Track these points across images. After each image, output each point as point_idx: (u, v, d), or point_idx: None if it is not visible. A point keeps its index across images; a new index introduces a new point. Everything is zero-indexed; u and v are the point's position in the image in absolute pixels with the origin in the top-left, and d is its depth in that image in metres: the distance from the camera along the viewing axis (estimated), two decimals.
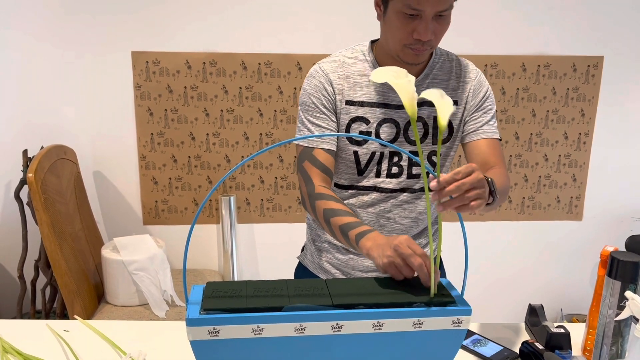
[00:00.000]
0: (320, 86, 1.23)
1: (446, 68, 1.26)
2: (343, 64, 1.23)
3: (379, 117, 1.22)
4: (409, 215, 1.30)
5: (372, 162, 1.25)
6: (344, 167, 1.27)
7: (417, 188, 1.29)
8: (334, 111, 1.23)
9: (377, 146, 1.23)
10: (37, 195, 1.81)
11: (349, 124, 1.23)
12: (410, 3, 1.09)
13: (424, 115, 1.24)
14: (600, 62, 2.42)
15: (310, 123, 1.23)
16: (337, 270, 1.36)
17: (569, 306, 2.68)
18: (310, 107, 1.23)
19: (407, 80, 0.79)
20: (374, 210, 1.29)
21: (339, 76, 1.23)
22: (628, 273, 1.06)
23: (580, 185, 2.57)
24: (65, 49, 2.25)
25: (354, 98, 1.22)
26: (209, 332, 0.82)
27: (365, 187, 1.27)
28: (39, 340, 1.20)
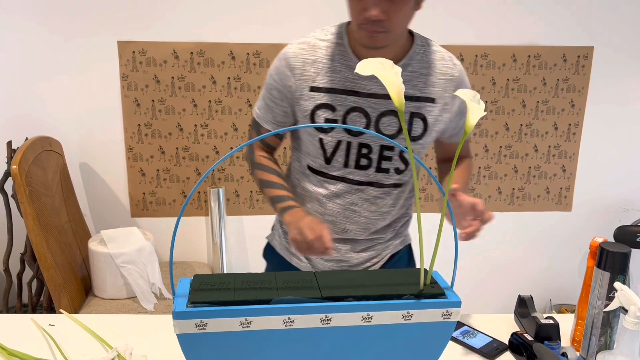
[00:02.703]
0: (279, 70, 1.21)
1: (427, 60, 1.20)
2: (314, 47, 1.19)
3: (347, 105, 1.17)
4: (376, 210, 1.27)
5: (339, 152, 1.21)
6: (314, 151, 1.24)
7: (386, 184, 1.25)
8: (286, 98, 1.22)
9: (343, 134, 1.19)
10: (22, 188, 1.78)
11: (313, 110, 1.18)
12: None
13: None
14: (590, 53, 2.42)
15: (264, 100, 1.27)
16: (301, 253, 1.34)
17: (558, 296, 2.70)
18: (268, 87, 1.25)
19: (394, 71, 0.77)
20: (341, 201, 1.26)
21: (305, 60, 1.18)
22: (617, 264, 1.06)
23: (569, 176, 2.58)
24: (51, 38, 2.21)
25: (320, 84, 1.17)
26: (196, 325, 0.80)
27: (333, 176, 1.24)
28: (25, 335, 1.18)
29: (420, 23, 2.33)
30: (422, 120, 1.20)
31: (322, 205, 1.27)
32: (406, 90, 1.17)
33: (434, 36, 2.60)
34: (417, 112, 1.19)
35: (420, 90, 1.19)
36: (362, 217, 1.28)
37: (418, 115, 1.19)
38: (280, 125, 1.26)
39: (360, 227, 1.29)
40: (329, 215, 1.27)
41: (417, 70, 1.19)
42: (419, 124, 1.20)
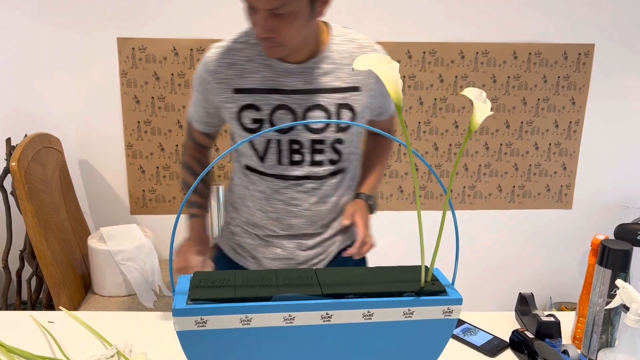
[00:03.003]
0: (199, 74, 1.23)
1: (345, 50, 1.20)
2: (230, 50, 1.19)
3: (272, 103, 1.18)
4: (317, 201, 1.27)
5: (270, 150, 1.22)
6: (248, 152, 1.25)
7: (322, 174, 1.25)
8: (208, 100, 1.24)
9: (272, 134, 1.20)
10: (21, 185, 1.77)
11: (239, 112, 1.19)
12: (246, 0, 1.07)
13: (324, 102, 1.19)
14: (591, 50, 2.42)
15: (193, 101, 1.30)
16: (248, 253, 1.35)
17: (558, 294, 2.70)
18: (194, 89, 1.27)
19: (391, 67, 0.76)
20: (281, 197, 1.26)
21: (222, 64, 1.18)
22: (619, 261, 1.06)
23: (570, 173, 2.58)
24: (50, 35, 2.20)
25: (243, 85, 1.18)
26: (196, 322, 0.80)
27: (270, 174, 1.25)
28: (24, 332, 1.18)
29: (421, 21, 2.34)
30: (350, 110, 1.21)
31: (263, 202, 1.28)
32: (329, 82, 1.18)
33: (433, 34, 2.59)
34: (344, 102, 1.20)
35: (344, 81, 1.19)
36: (305, 210, 1.27)
37: (344, 105, 1.20)
38: (207, 125, 1.31)
39: (305, 221, 1.29)
40: (272, 212, 1.28)
41: (338, 61, 1.19)
42: (346, 114, 1.21)
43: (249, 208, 1.31)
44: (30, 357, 1.07)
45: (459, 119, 2.46)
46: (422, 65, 2.37)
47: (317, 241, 1.32)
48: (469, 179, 2.54)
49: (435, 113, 2.44)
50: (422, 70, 2.38)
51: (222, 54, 1.19)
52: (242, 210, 1.34)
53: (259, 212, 1.29)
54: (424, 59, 2.36)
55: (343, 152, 1.25)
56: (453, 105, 2.43)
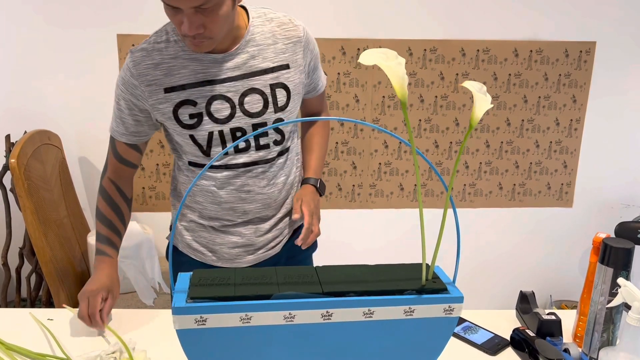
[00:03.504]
0: (124, 80, 1.18)
1: (267, 31, 1.20)
2: (152, 51, 1.16)
3: (206, 95, 1.17)
4: (268, 183, 1.27)
5: (214, 142, 1.20)
6: (189, 148, 1.23)
7: (271, 157, 1.26)
8: (136, 106, 1.19)
9: (211, 125, 1.19)
10: (20, 182, 1.77)
11: (174, 110, 1.17)
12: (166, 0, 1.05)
13: (258, 85, 1.19)
14: (593, 48, 2.41)
15: (114, 114, 1.24)
16: (205, 247, 1.34)
17: (558, 292, 2.70)
18: (117, 99, 1.22)
19: (397, 62, 0.75)
20: (232, 187, 1.25)
21: (148, 66, 1.16)
22: (620, 260, 1.05)
23: (571, 172, 2.57)
24: (50, 31, 2.20)
25: (173, 83, 1.16)
26: (195, 320, 0.80)
27: (217, 166, 1.23)
28: (23, 330, 1.17)
29: (422, 18, 2.33)
30: (284, 88, 1.22)
31: (215, 195, 1.27)
32: (258, 64, 1.19)
33: (434, 31, 2.58)
34: (277, 82, 1.21)
35: (272, 61, 1.20)
36: (258, 195, 1.27)
37: (278, 85, 1.21)
38: (134, 135, 1.24)
39: (259, 205, 1.29)
40: (225, 203, 1.27)
41: (261, 43, 1.19)
42: (282, 93, 1.22)
43: (199, 204, 1.30)
44: (30, 355, 1.07)
45: (460, 117, 2.45)
46: (423, 63, 2.37)
47: (272, 223, 1.34)
48: (469, 176, 2.54)
49: (436, 111, 2.43)
50: (423, 67, 2.37)
51: (145, 57, 1.16)
52: (192, 207, 1.32)
53: (212, 205, 1.28)
54: (424, 57, 2.36)
55: (285, 131, 1.26)
56: (454, 102, 2.43)
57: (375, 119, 2.41)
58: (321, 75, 1.35)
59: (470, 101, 2.43)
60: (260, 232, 1.32)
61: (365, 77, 2.36)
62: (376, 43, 2.31)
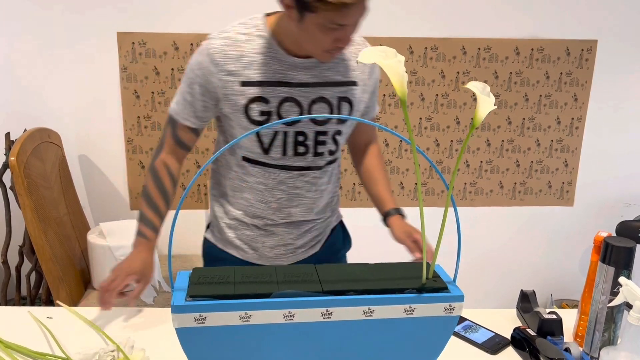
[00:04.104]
0: (202, 65, 1.18)
1: None
2: (236, 41, 1.17)
3: (279, 96, 1.18)
4: (317, 189, 1.31)
5: (276, 142, 1.22)
6: (249, 144, 1.24)
7: (322, 164, 1.29)
8: (209, 92, 1.20)
9: (279, 126, 1.21)
10: (20, 179, 1.76)
11: (246, 104, 1.18)
12: (336, 19, 1.06)
13: (327, 95, 1.22)
14: (594, 47, 2.40)
15: (182, 95, 1.24)
16: (247, 245, 1.36)
17: (559, 291, 2.70)
18: (189, 82, 1.22)
19: (397, 60, 0.75)
20: (284, 187, 1.28)
21: (229, 56, 1.16)
22: (622, 259, 1.05)
23: (572, 170, 2.57)
24: (50, 29, 2.19)
25: (251, 78, 1.17)
26: (195, 319, 0.79)
27: (273, 165, 1.26)
28: (23, 328, 1.17)
29: (423, 17, 2.32)
30: (348, 103, 1.25)
31: (264, 194, 1.29)
32: (331, 76, 1.22)
33: (435, 29, 2.58)
34: (344, 96, 1.24)
35: (343, 75, 1.24)
36: (305, 199, 1.31)
37: (344, 99, 1.24)
38: (200, 120, 1.25)
39: (304, 209, 1.32)
40: (273, 202, 1.30)
41: (337, 57, 1.23)
42: (346, 107, 1.25)
43: (246, 200, 1.31)
44: (28, 353, 1.07)
45: (461, 115, 2.44)
46: (424, 61, 2.36)
47: (313, 225, 1.37)
48: (470, 175, 2.53)
49: (436, 109, 2.43)
50: (423, 66, 2.36)
51: (228, 46, 1.17)
52: (237, 203, 1.33)
53: (260, 203, 1.30)
54: (425, 55, 2.35)
55: (340, 142, 1.30)
56: (455, 101, 2.42)
57: (375, 117, 2.40)
58: (376, 102, 1.38)
59: (472, 100, 2.42)
60: (301, 232, 1.36)
61: None
62: (377, 41, 2.30)
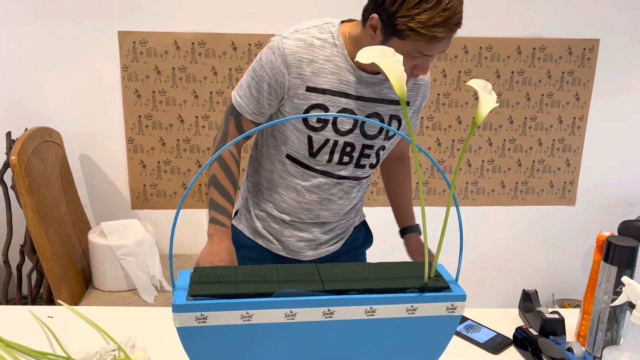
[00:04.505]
0: (273, 65, 1.18)
1: None
2: (310, 45, 1.17)
3: (339, 106, 1.20)
4: (348, 197, 1.34)
5: (325, 149, 1.25)
6: (298, 144, 1.25)
7: (360, 176, 1.32)
8: (276, 92, 1.20)
9: (332, 134, 1.22)
10: (21, 179, 1.76)
11: (307, 109, 1.20)
12: (422, 50, 1.07)
13: (381, 111, 1.24)
14: (596, 46, 2.40)
15: (250, 90, 1.22)
16: (272, 236, 1.39)
17: (561, 291, 2.69)
18: (258, 79, 1.20)
19: (395, 59, 0.75)
20: (320, 192, 1.30)
21: (302, 59, 1.17)
22: (625, 258, 1.05)
23: (574, 170, 2.56)
24: (50, 28, 2.19)
25: (317, 85, 1.18)
26: (196, 318, 0.79)
27: (315, 169, 1.27)
28: (24, 327, 1.17)
29: None
30: (398, 121, 1.28)
31: (299, 194, 1.31)
32: (389, 94, 1.24)
33: None
34: (395, 114, 1.27)
35: None
36: (336, 205, 1.34)
37: (395, 117, 1.27)
38: (263, 116, 1.26)
39: (332, 213, 1.36)
40: (305, 203, 1.32)
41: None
42: (394, 125, 1.28)
43: (280, 195, 1.33)
44: (29, 352, 1.06)
45: (462, 115, 2.44)
46: None
47: (338, 224, 1.41)
48: (472, 175, 2.53)
49: (438, 108, 2.42)
50: None
51: (302, 49, 1.17)
52: (270, 196, 1.35)
53: (292, 201, 1.33)
54: None
55: (381, 158, 1.33)
56: (456, 100, 2.42)
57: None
58: (418, 119, 1.41)
59: (473, 99, 2.42)
60: (325, 231, 1.39)
61: None
62: None
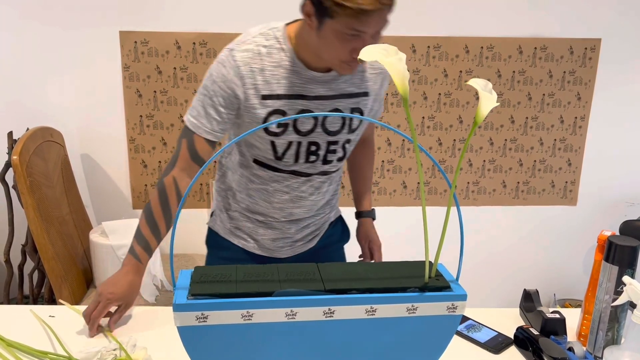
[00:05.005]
0: (226, 78, 1.17)
1: None
2: (258, 54, 1.17)
3: (296, 108, 1.20)
4: (319, 193, 1.35)
5: (290, 151, 1.25)
6: (263, 149, 1.25)
7: (329, 170, 1.32)
8: (232, 104, 1.19)
9: (293, 136, 1.22)
10: (22, 179, 1.76)
11: (266, 117, 1.19)
12: (354, 25, 1.06)
13: (341, 106, 1.24)
14: (598, 45, 2.39)
15: (203, 107, 1.19)
16: (247, 235, 1.40)
17: (562, 291, 2.69)
18: (211, 93, 1.18)
19: (398, 58, 0.75)
20: (290, 191, 1.31)
21: (252, 70, 1.16)
22: (626, 258, 1.04)
23: (575, 169, 2.56)
24: (52, 28, 2.19)
25: (271, 92, 1.18)
26: (196, 317, 0.79)
27: (284, 170, 1.28)
28: (25, 327, 1.17)
29: (426, 15, 2.32)
30: (360, 113, 1.28)
31: (270, 195, 1.32)
32: (346, 88, 1.24)
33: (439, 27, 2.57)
34: (356, 107, 1.27)
35: (357, 87, 1.26)
36: (308, 201, 1.35)
37: (357, 109, 1.27)
38: (221, 132, 1.22)
39: (305, 210, 1.36)
40: (277, 203, 1.33)
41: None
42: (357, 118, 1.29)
43: (252, 198, 1.35)
44: (31, 352, 1.07)
45: (464, 114, 2.44)
46: (427, 60, 2.35)
47: (312, 221, 1.42)
48: (473, 174, 2.52)
49: (439, 108, 2.42)
50: (426, 64, 2.36)
51: (251, 59, 1.16)
52: (243, 199, 1.36)
53: (264, 202, 1.34)
54: (428, 54, 2.34)
55: (348, 150, 1.33)
56: (457, 100, 2.41)
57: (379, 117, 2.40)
58: (382, 105, 1.41)
59: (474, 98, 2.42)
60: (299, 228, 1.40)
61: None
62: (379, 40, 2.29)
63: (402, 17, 2.31)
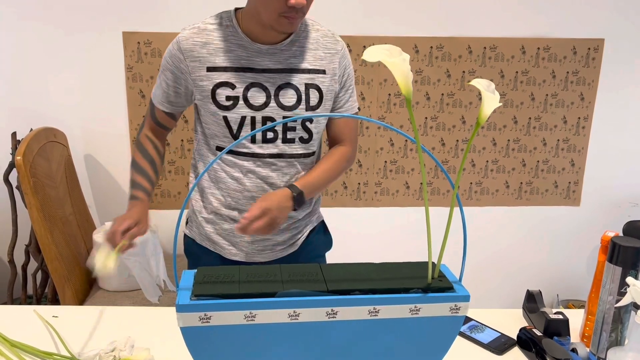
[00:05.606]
0: (171, 53, 1.27)
1: (312, 37, 1.29)
2: (204, 30, 1.25)
3: (245, 81, 1.24)
4: (290, 180, 1.32)
5: (244, 128, 1.26)
6: (219, 130, 1.28)
7: (294, 154, 1.30)
8: (179, 79, 1.27)
9: (245, 110, 1.24)
10: (26, 179, 1.77)
11: (213, 89, 1.24)
12: None
13: (294, 81, 1.26)
14: (601, 45, 2.39)
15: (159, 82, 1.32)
16: (224, 240, 1.38)
17: (565, 292, 2.68)
18: (163, 70, 1.30)
19: (401, 58, 0.75)
20: (255, 176, 1.30)
21: (195, 44, 1.24)
22: (629, 259, 1.04)
23: (578, 170, 2.55)
24: (55, 29, 2.20)
25: (216, 64, 1.23)
26: (199, 318, 0.79)
27: (243, 153, 1.28)
28: (28, 327, 1.17)
29: (428, 16, 2.31)
30: (317, 90, 1.28)
31: (239, 182, 1.31)
32: (298, 63, 1.27)
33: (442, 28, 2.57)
34: (311, 82, 1.28)
35: (310, 63, 1.28)
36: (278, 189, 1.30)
37: (312, 85, 1.28)
38: (173, 105, 1.33)
39: None
40: (247, 191, 1.32)
41: (305, 46, 1.28)
42: (315, 94, 1.28)
43: (221, 190, 1.34)
44: (34, 352, 1.07)
45: (466, 115, 2.44)
46: (429, 60, 2.35)
47: (291, 222, 1.38)
48: (476, 175, 2.52)
49: (442, 108, 2.42)
50: (429, 65, 2.36)
51: (194, 34, 1.24)
52: (214, 194, 1.35)
53: (235, 192, 1.32)
54: (431, 54, 2.34)
55: (312, 131, 1.31)
56: (460, 100, 2.41)
57: (381, 116, 2.40)
58: (352, 99, 1.37)
59: (477, 99, 2.41)
60: (279, 228, 1.35)
61: (371, 74, 2.35)
62: (382, 40, 2.29)
63: (405, 18, 2.31)
